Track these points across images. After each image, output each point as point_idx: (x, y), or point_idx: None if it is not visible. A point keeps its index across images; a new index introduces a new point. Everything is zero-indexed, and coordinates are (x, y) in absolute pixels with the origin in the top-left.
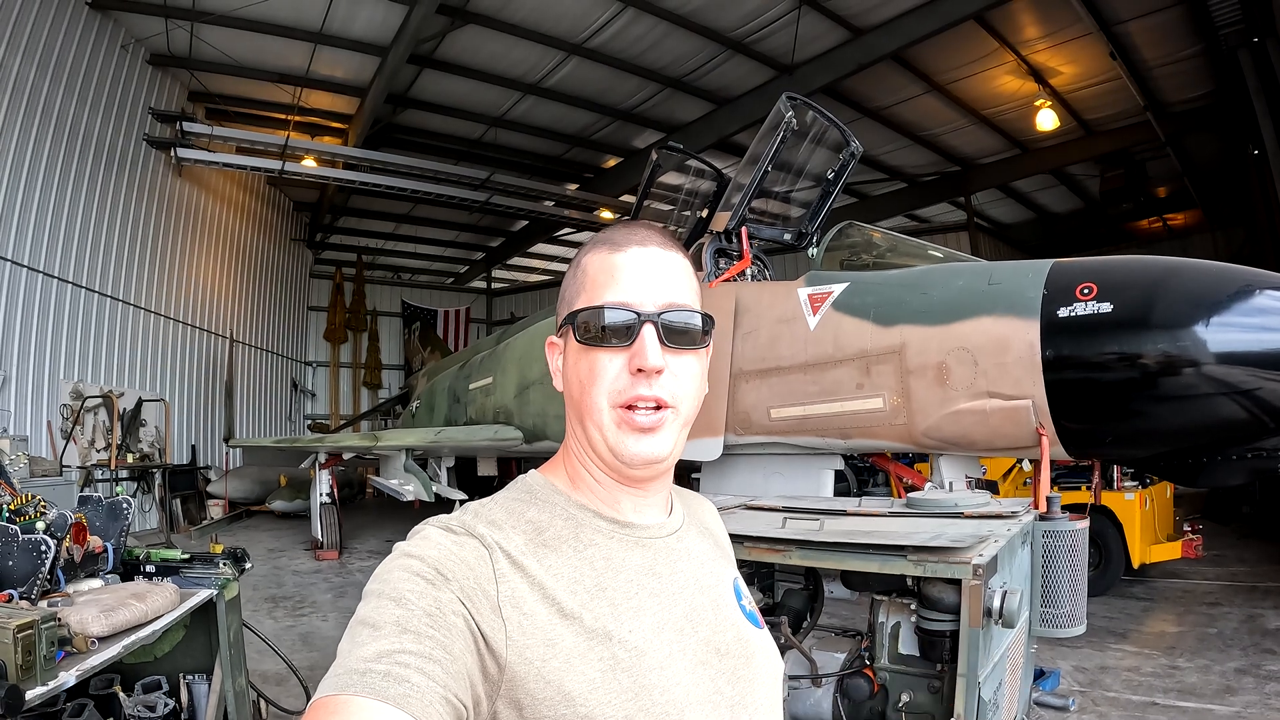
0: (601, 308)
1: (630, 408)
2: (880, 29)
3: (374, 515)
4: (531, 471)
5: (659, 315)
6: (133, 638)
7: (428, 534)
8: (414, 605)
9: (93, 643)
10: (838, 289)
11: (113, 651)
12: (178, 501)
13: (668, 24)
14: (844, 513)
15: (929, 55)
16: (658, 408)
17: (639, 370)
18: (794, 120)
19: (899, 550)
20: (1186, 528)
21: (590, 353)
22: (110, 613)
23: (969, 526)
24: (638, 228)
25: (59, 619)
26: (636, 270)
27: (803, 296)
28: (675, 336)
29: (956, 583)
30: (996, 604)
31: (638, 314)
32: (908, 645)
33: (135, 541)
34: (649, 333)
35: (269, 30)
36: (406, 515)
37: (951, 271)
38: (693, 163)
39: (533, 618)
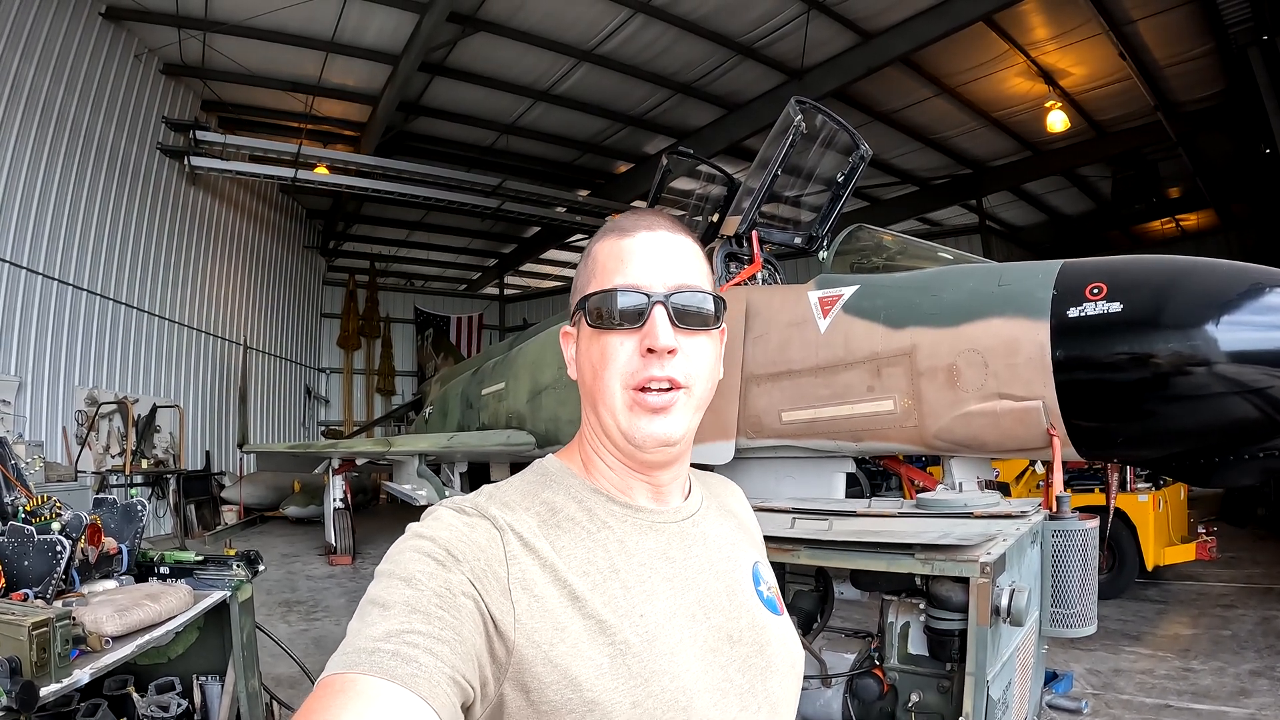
0: (611, 291)
1: (643, 390)
2: (889, 32)
3: (388, 521)
4: (549, 455)
5: (669, 296)
6: (146, 638)
7: (440, 515)
8: (424, 586)
9: (107, 642)
10: (848, 292)
11: (126, 651)
12: (192, 507)
13: (677, 30)
14: (854, 513)
15: (939, 58)
16: (670, 388)
17: (650, 351)
18: (803, 124)
19: (906, 549)
20: (1201, 529)
21: (602, 336)
22: (124, 613)
23: (978, 526)
24: (645, 214)
25: (74, 618)
26: (646, 254)
27: (813, 300)
28: (686, 317)
29: (964, 581)
30: (1004, 602)
31: (648, 296)
32: (917, 645)
33: (150, 545)
34: (659, 314)
35: (281, 39)
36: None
37: (961, 273)
38: (703, 167)
39: (543, 600)
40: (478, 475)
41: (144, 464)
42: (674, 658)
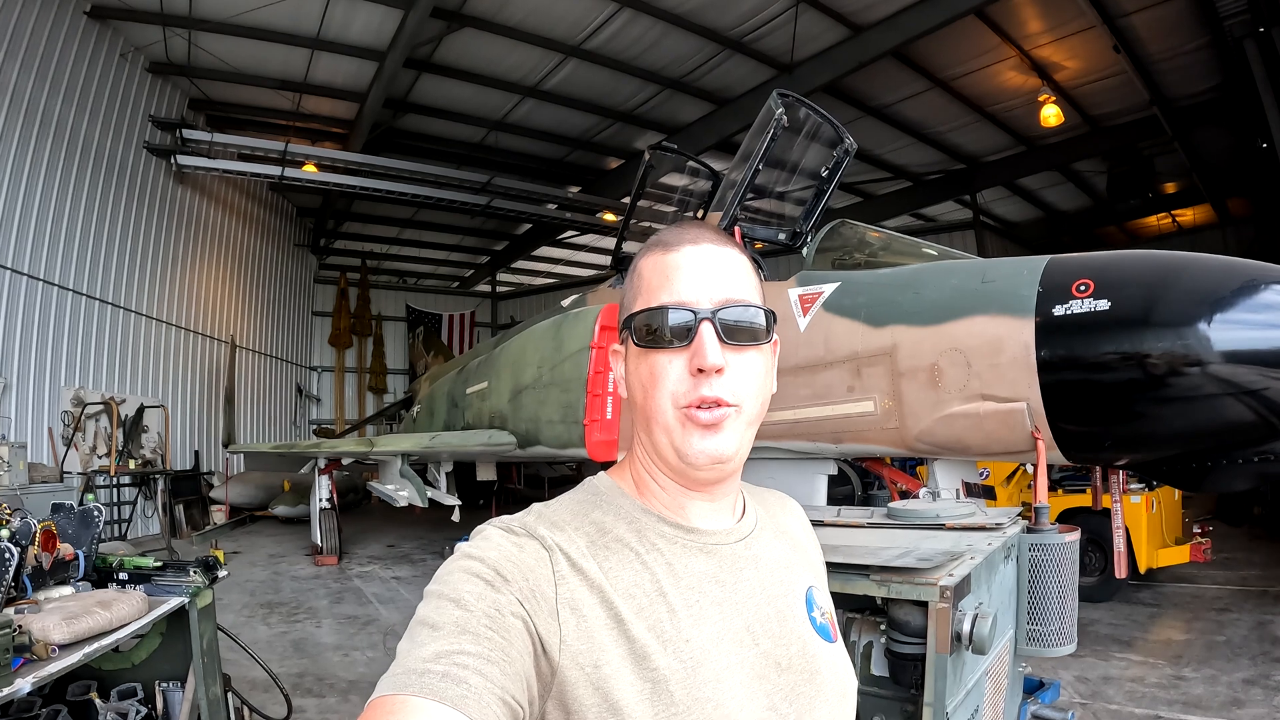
0: (658, 309)
1: (693, 407)
2: (880, 25)
3: (377, 520)
4: (601, 474)
5: (716, 312)
6: (94, 646)
7: (489, 534)
8: (473, 607)
9: (53, 650)
10: (828, 289)
11: (73, 659)
12: (181, 507)
13: (665, 24)
14: (820, 523)
15: (931, 51)
16: (720, 406)
17: (699, 370)
18: (784, 117)
19: (862, 569)
20: (1196, 530)
21: (650, 355)
22: (73, 620)
23: (947, 540)
24: (689, 227)
25: (18, 626)
26: (691, 269)
27: (793, 297)
28: (735, 333)
29: (924, 604)
30: (966, 628)
31: (694, 312)
32: (880, 666)
33: (130, 548)
34: (707, 331)
35: (266, 36)
36: (408, 521)
37: (944, 270)
38: (689, 163)
39: (589, 622)
40: (464, 474)
41: (131, 464)
42: (719, 684)
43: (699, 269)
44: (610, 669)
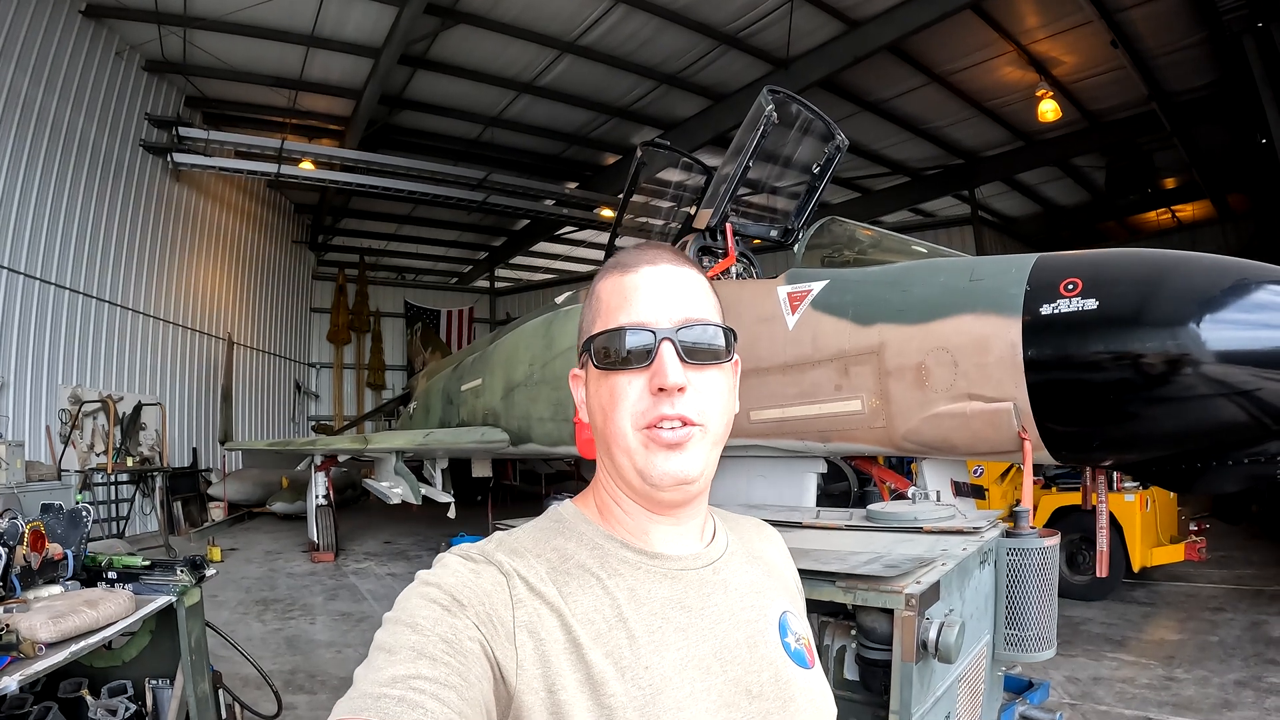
0: (617, 330)
1: (655, 427)
2: (876, 20)
3: (375, 517)
4: (566, 500)
5: (676, 332)
6: (80, 644)
7: (447, 562)
8: (429, 632)
9: (40, 648)
10: (817, 287)
11: (59, 658)
12: (179, 504)
13: (660, 19)
14: (798, 525)
15: (928, 46)
16: (684, 425)
17: (660, 390)
18: (774, 114)
19: (828, 576)
20: (1192, 528)
21: (610, 377)
22: (60, 619)
23: (922, 545)
24: (647, 248)
25: (5, 625)
26: (650, 289)
27: (782, 295)
28: (695, 353)
29: (891, 611)
30: (933, 636)
31: (654, 332)
32: (853, 671)
33: (127, 546)
34: (667, 350)
35: (261, 34)
36: (406, 518)
37: (932, 268)
38: (682, 159)
39: (546, 647)
40: (461, 471)
41: (129, 462)
42: (680, 712)
43: (657, 289)
44: (566, 695)
